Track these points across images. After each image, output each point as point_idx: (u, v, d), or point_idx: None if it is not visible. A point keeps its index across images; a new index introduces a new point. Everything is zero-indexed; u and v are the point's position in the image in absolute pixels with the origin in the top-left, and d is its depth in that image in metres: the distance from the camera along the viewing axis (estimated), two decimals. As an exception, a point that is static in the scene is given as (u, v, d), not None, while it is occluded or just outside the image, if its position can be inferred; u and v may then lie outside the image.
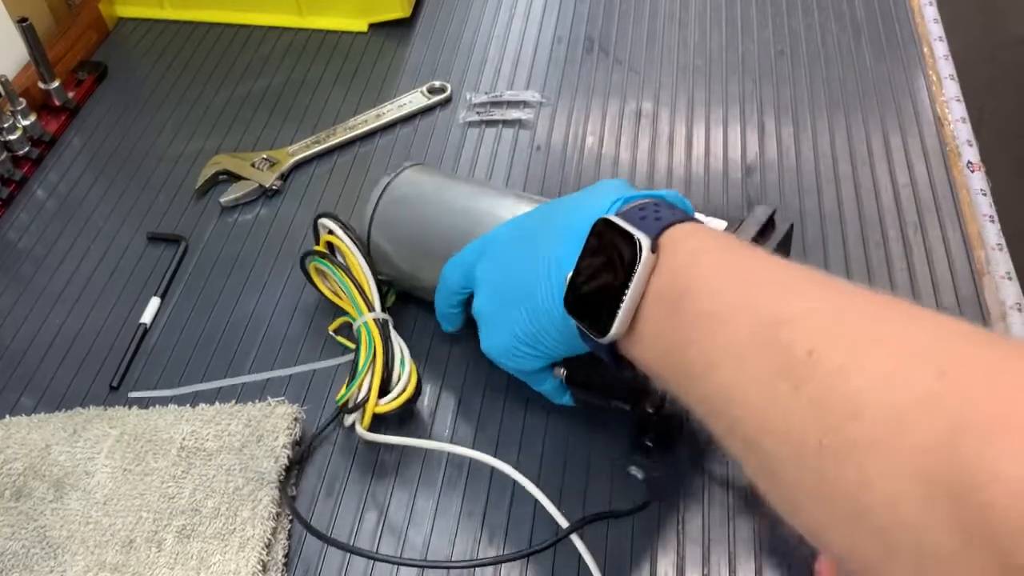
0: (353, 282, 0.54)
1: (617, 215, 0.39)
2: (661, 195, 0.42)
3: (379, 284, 0.55)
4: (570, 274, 0.40)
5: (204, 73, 0.80)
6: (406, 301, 0.59)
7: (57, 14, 0.80)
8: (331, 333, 0.58)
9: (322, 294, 0.58)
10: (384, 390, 0.51)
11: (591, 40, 0.80)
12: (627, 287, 0.37)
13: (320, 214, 0.56)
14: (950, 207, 0.64)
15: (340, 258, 0.56)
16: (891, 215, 0.64)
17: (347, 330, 0.57)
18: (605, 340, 0.38)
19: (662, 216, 0.38)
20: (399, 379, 0.52)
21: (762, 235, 0.49)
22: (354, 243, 0.55)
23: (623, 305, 0.37)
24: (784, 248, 0.50)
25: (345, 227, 0.55)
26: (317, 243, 0.57)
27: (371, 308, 0.54)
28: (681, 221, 0.38)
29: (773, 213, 0.49)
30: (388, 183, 0.56)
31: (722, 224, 0.49)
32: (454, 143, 0.71)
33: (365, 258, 0.55)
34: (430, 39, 0.82)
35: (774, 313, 0.31)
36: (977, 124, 0.71)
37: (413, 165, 0.58)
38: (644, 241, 0.36)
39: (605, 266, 0.38)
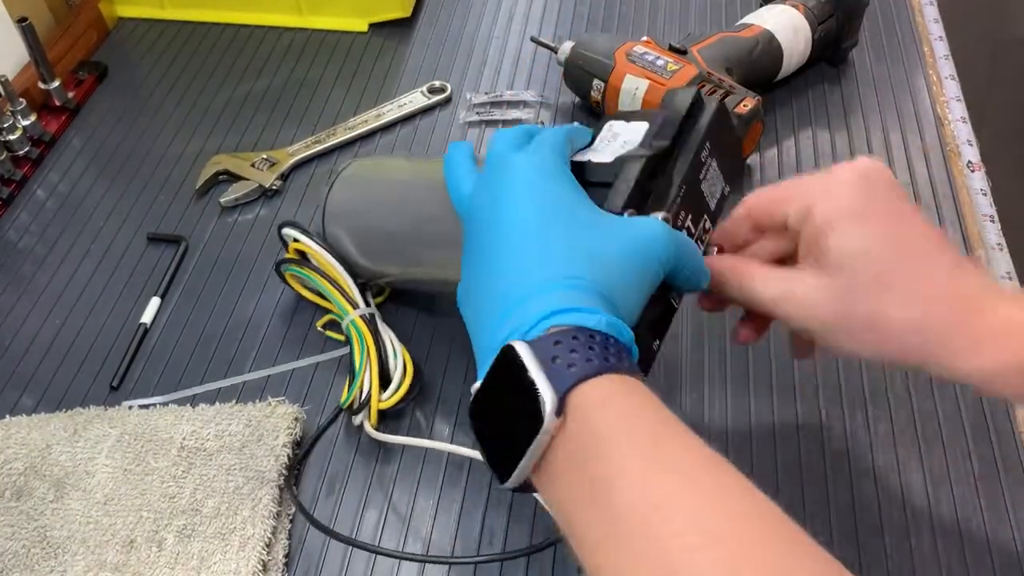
0: (331, 283, 0.54)
1: (528, 345, 0.34)
2: (605, 326, 0.36)
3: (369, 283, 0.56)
4: (475, 386, 0.37)
5: (204, 73, 0.80)
6: (405, 300, 0.59)
7: (57, 14, 0.80)
8: (320, 329, 0.58)
9: (305, 298, 0.58)
10: (384, 384, 0.51)
11: (591, 40, 0.80)
12: (525, 447, 0.34)
13: (282, 223, 0.56)
14: (950, 207, 0.64)
15: (313, 261, 0.56)
16: (891, 215, 0.64)
17: (336, 325, 0.57)
18: (500, 486, 0.36)
19: (577, 364, 0.34)
20: (395, 370, 0.52)
21: (690, 118, 0.45)
22: (321, 246, 0.55)
23: (519, 467, 0.34)
24: (716, 131, 0.45)
25: (308, 232, 0.55)
26: (287, 251, 0.57)
27: (355, 305, 0.54)
28: (600, 372, 0.34)
29: (697, 96, 0.45)
30: (328, 192, 0.56)
31: (643, 127, 0.45)
32: (454, 143, 0.71)
33: (336, 257, 0.55)
34: (430, 39, 0.82)
35: (651, 497, 0.31)
36: (977, 124, 0.71)
37: (352, 162, 0.57)
38: (548, 401, 0.33)
39: (505, 402, 0.35)
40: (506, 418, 0.35)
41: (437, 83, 0.76)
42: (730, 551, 0.29)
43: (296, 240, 0.56)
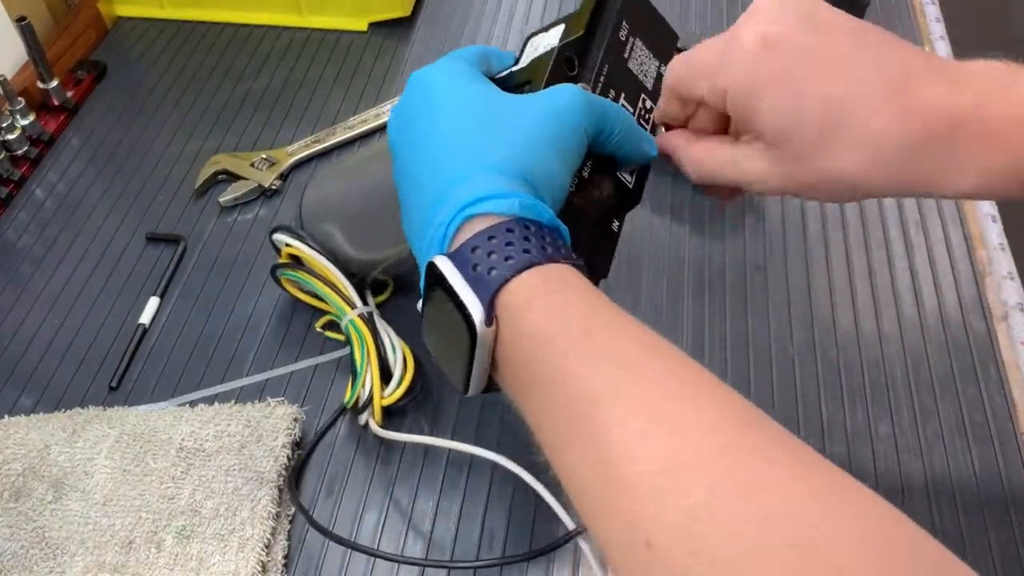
0: (327, 285, 0.54)
1: (447, 258, 0.34)
2: (511, 210, 0.34)
3: (373, 281, 0.56)
4: (419, 305, 0.37)
5: (203, 72, 0.79)
6: (402, 298, 0.59)
7: (56, 13, 0.80)
8: (319, 330, 0.58)
9: (302, 301, 0.58)
10: (386, 380, 0.52)
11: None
12: (470, 362, 0.34)
13: (272, 229, 0.56)
14: (952, 207, 0.64)
15: (307, 264, 0.56)
16: (893, 215, 0.64)
17: (335, 325, 0.57)
18: (464, 395, 0.36)
19: (495, 265, 0.33)
20: (395, 365, 0.52)
21: (600, 7, 0.43)
22: (312, 248, 0.55)
23: (472, 380, 0.35)
24: (630, 11, 0.44)
25: (299, 236, 0.55)
26: (280, 257, 0.57)
27: (352, 305, 0.54)
28: (519, 271, 0.33)
29: None
30: (302, 195, 0.56)
31: (560, 28, 0.44)
32: (454, 143, 0.71)
33: (328, 258, 0.55)
34: (430, 38, 0.81)
35: (590, 390, 0.31)
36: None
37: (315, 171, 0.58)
38: (475, 315, 0.32)
39: (444, 316, 0.35)
40: (449, 332, 0.34)
41: (437, 83, 0.75)
42: (678, 436, 0.28)
43: (288, 244, 0.55)
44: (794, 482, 0.27)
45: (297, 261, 0.56)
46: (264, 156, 0.70)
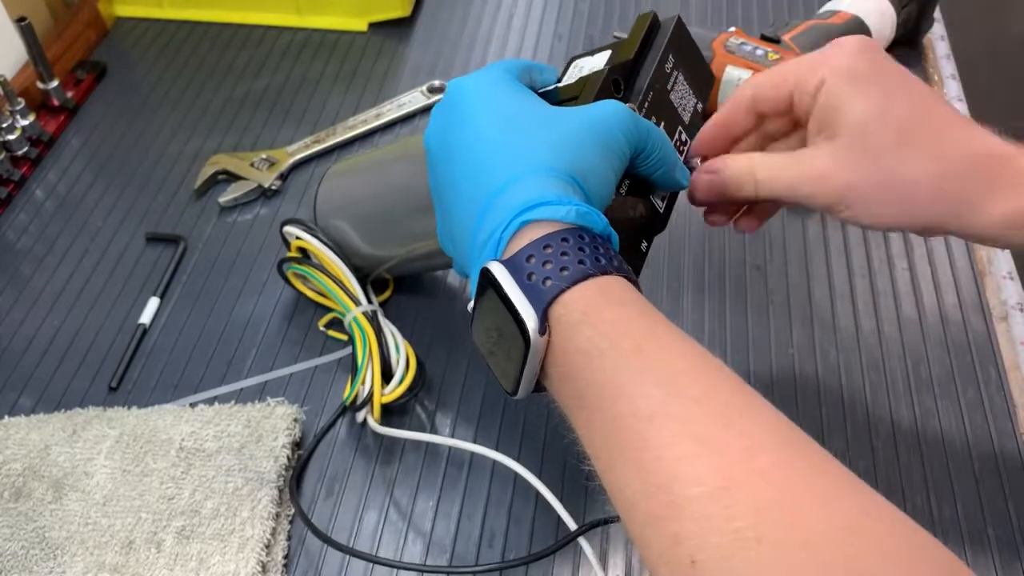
0: (333, 280, 0.55)
1: (502, 266, 0.34)
2: (574, 216, 0.35)
3: (373, 278, 0.56)
4: (470, 306, 0.37)
5: (203, 72, 0.79)
6: (403, 297, 0.59)
7: (56, 13, 0.80)
8: (322, 328, 0.58)
9: (307, 296, 0.59)
10: (387, 378, 0.52)
11: (591, 39, 0.80)
12: (523, 365, 0.34)
13: (284, 221, 0.57)
14: (951, 207, 0.64)
15: (315, 259, 0.56)
16: (892, 215, 0.64)
17: (338, 324, 0.57)
18: (513, 398, 0.37)
19: (551, 276, 0.33)
20: (397, 364, 0.52)
21: (649, 38, 0.45)
22: (323, 243, 0.55)
23: (522, 384, 0.35)
24: (677, 45, 0.46)
25: (310, 229, 0.55)
26: (288, 250, 0.57)
27: (357, 302, 0.54)
28: (574, 283, 0.33)
29: (654, 17, 0.46)
30: (318, 187, 0.57)
31: (606, 54, 0.45)
32: (454, 143, 0.71)
33: (337, 254, 0.55)
34: (430, 38, 0.81)
35: (638, 409, 0.31)
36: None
37: (330, 166, 0.58)
38: (530, 324, 0.33)
39: (496, 321, 0.35)
40: (500, 336, 0.35)
41: (437, 83, 0.75)
42: (726, 459, 0.29)
43: (298, 238, 0.56)
44: (835, 507, 0.28)
45: (305, 255, 0.56)
46: (264, 156, 0.70)
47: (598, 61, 0.45)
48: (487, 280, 0.34)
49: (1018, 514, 0.48)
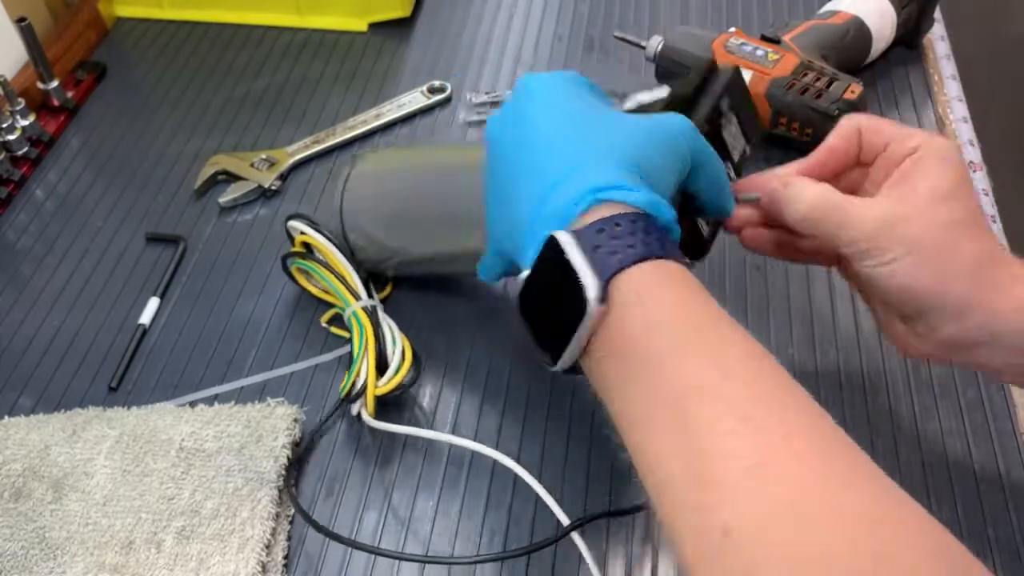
0: (335, 275, 0.55)
1: (572, 236, 0.35)
2: (643, 202, 0.37)
3: (372, 274, 0.57)
4: (524, 274, 0.38)
5: (203, 73, 0.79)
6: (402, 294, 0.59)
7: (56, 14, 0.80)
8: (324, 324, 0.58)
9: (309, 292, 0.59)
10: (381, 371, 0.52)
11: (591, 39, 0.80)
12: (571, 333, 0.35)
13: (289, 216, 0.57)
14: (951, 207, 0.64)
15: (318, 255, 0.56)
16: (892, 215, 0.64)
17: (340, 321, 0.57)
18: (551, 368, 0.38)
19: (620, 251, 0.35)
20: (393, 356, 0.52)
21: (707, 81, 0.48)
22: (327, 238, 0.55)
23: (566, 353, 0.36)
24: (732, 90, 0.48)
25: (315, 225, 0.56)
26: (292, 245, 0.57)
27: (358, 297, 0.54)
28: (643, 258, 0.35)
29: (713, 62, 0.49)
30: (350, 171, 0.57)
31: (665, 89, 0.48)
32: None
33: (341, 250, 0.55)
34: (430, 39, 0.81)
35: (688, 386, 0.33)
36: (980, 124, 0.71)
37: (368, 150, 0.59)
38: (591, 292, 0.34)
39: (551, 290, 0.36)
40: (553, 306, 0.36)
41: (437, 83, 0.76)
42: (766, 438, 0.30)
43: (303, 232, 0.56)
44: (867, 496, 0.29)
45: (308, 251, 0.56)
46: (264, 156, 0.70)
47: (657, 94, 0.48)
48: (551, 248, 0.36)
49: (1018, 514, 0.48)
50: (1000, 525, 0.48)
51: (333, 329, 0.58)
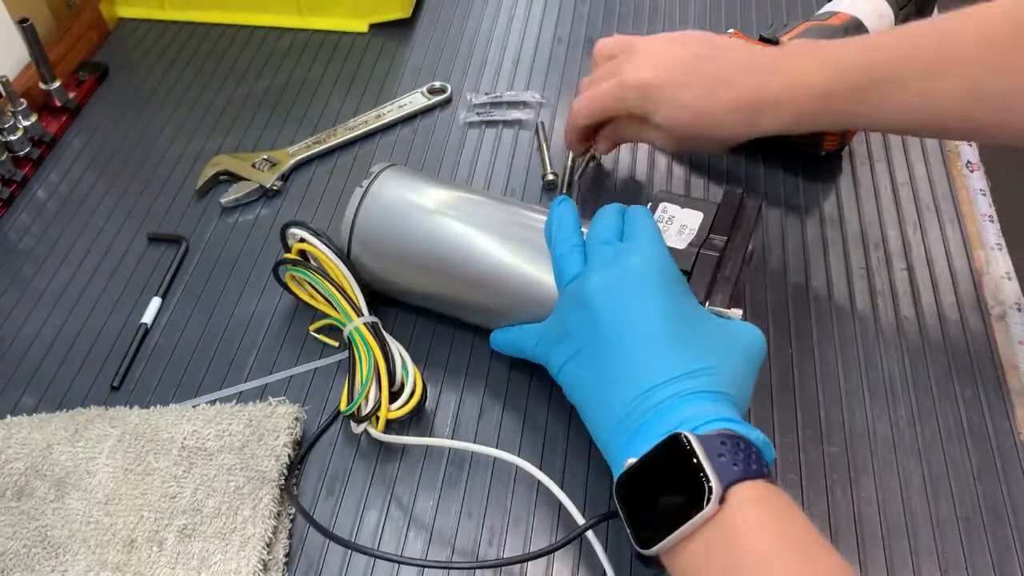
0: (336, 287, 0.54)
1: (698, 439, 0.39)
2: (753, 437, 0.41)
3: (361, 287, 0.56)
4: (630, 461, 0.41)
5: (204, 73, 0.80)
6: (403, 306, 0.59)
7: (58, 14, 0.80)
8: (313, 333, 0.58)
9: (303, 300, 0.58)
10: (393, 395, 0.51)
11: (591, 41, 0.80)
12: (679, 524, 0.38)
13: (288, 223, 0.56)
14: (949, 207, 0.65)
15: (316, 264, 0.56)
16: (890, 215, 0.64)
17: (330, 330, 0.57)
18: (641, 552, 0.41)
19: (739, 464, 0.39)
20: (404, 384, 0.52)
21: (738, 215, 0.53)
22: (331, 249, 0.54)
23: (667, 539, 0.39)
24: (755, 227, 0.54)
25: (317, 234, 0.55)
26: (287, 251, 0.57)
27: (359, 312, 0.54)
28: (754, 477, 0.39)
29: (743, 194, 0.54)
30: (364, 193, 0.55)
31: (699, 216, 0.53)
32: (454, 144, 0.72)
33: (344, 262, 0.55)
34: (430, 39, 0.82)
35: None
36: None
37: (387, 167, 0.56)
38: (715, 489, 0.38)
39: (663, 480, 0.40)
40: (662, 496, 0.40)
41: (437, 84, 0.76)
42: None
43: (303, 240, 0.55)
44: None
45: (304, 258, 0.56)
46: (265, 157, 0.70)
47: (691, 219, 0.53)
48: (675, 444, 0.40)
49: (1016, 512, 0.49)
50: (998, 523, 0.48)
51: (322, 338, 0.57)
